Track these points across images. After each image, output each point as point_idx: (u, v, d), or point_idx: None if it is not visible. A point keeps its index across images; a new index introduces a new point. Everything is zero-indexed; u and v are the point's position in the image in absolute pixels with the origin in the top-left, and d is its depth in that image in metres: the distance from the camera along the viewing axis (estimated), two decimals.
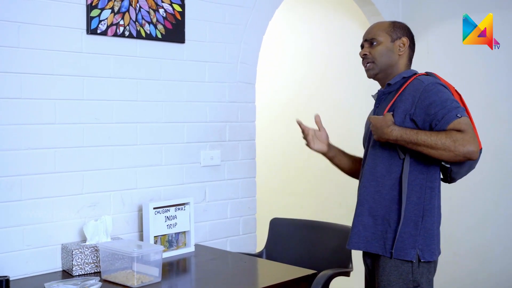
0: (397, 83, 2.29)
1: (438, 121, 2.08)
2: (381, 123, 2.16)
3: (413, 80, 2.22)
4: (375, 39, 2.32)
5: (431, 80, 2.19)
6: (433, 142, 2.03)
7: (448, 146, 2.01)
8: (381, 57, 2.31)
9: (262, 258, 3.05)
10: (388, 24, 2.36)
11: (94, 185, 2.59)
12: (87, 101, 2.56)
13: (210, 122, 3.02)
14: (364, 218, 2.25)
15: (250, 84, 3.21)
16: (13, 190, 2.34)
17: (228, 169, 3.11)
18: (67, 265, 2.41)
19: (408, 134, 2.08)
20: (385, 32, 2.32)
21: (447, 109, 2.08)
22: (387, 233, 2.20)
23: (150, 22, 2.73)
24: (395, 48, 2.31)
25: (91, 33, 2.54)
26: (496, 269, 3.73)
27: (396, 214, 2.18)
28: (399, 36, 2.32)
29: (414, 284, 2.16)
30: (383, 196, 2.21)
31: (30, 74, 2.38)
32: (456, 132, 2.03)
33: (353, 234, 2.28)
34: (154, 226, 2.66)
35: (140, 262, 2.26)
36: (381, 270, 2.20)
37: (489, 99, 3.77)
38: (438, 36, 4.01)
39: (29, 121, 2.38)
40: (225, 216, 3.10)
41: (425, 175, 2.19)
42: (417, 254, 2.15)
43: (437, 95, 2.12)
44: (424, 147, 2.06)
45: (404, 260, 2.16)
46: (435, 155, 2.05)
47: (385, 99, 2.31)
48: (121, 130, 2.67)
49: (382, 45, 2.31)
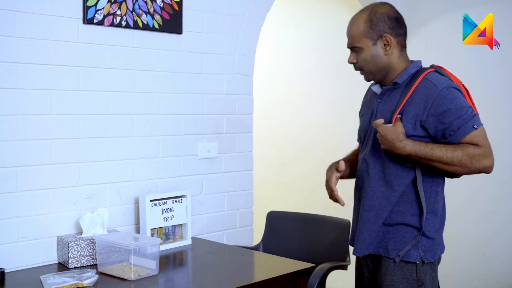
0: (405, 81, 2.15)
1: (454, 131, 2.00)
2: (392, 136, 2.02)
3: (424, 81, 2.08)
4: (356, 47, 2.17)
5: (444, 83, 2.06)
6: (449, 159, 1.97)
7: (465, 163, 1.97)
8: (368, 64, 2.16)
9: (259, 251, 3.03)
10: (364, 24, 2.15)
11: (91, 177, 2.56)
12: (83, 91, 2.53)
13: (208, 114, 2.99)
14: (371, 225, 2.15)
15: (248, 76, 3.18)
16: (8, 181, 2.31)
17: (225, 162, 3.09)
18: (63, 257, 2.39)
19: (423, 150, 2.00)
20: (362, 36, 2.14)
21: (463, 119, 2.00)
22: (390, 234, 2.14)
23: (147, 12, 2.70)
24: (380, 50, 2.14)
25: (87, 23, 2.50)
26: (494, 266, 3.72)
27: (406, 219, 2.11)
28: (380, 34, 2.13)
29: (418, 283, 2.11)
30: (391, 201, 2.11)
31: (26, 64, 2.35)
32: (472, 147, 1.98)
33: (359, 241, 2.17)
34: (151, 218, 2.64)
35: (137, 255, 2.24)
36: (383, 271, 2.15)
37: (487, 94, 3.76)
38: (436, 30, 3.99)
39: (25, 112, 2.35)
40: (222, 209, 3.08)
41: (432, 179, 2.11)
42: (419, 255, 2.10)
43: (453, 103, 2.02)
44: (439, 163, 2.00)
45: (407, 261, 2.11)
46: (449, 170, 2.01)
47: (388, 95, 2.17)
48: (117, 121, 2.65)
49: (365, 52, 2.15)
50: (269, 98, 4.91)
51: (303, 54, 4.81)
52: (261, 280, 2.27)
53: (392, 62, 2.16)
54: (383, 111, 2.16)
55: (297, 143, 4.77)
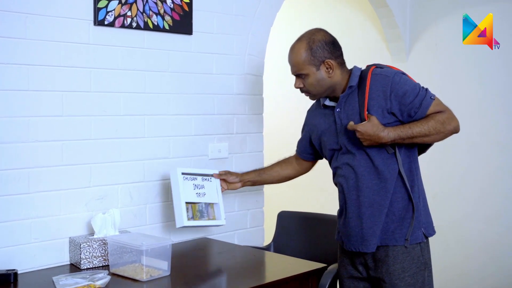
0: (356, 83, 2.32)
1: (418, 108, 2.21)
2: (373, 129, 2.19)
3: (374, 77, 2.26)
4: (301, 74, 2.35)
5: (392, 72, 2.26)
6: (427, 131, 2.18)
7: (439, 129, 2.19)
8: (315, 88, 2.35)
9: (270, 251, 3.03)
10: (305, 53, 2.32)
11: (102, 178, 2.57)
12: (95, 93, 2.53)
13: (218, 115, 2.99)
14: (376, 218, 2.26)
15: (258, 76, 3.18)
16: (20, 183, 2.32)
17: (235, 162, 3.09)
18: (75, 258, 2.40)
19: (404, 131, 2.19)
20: (306, 64, 2.32)
21: (420, 96, 2.21)
22: (394, 223, 2.25)
23: (158, 13, 2.70)
24: (323, 74, 2.32)
25: (98, 24, 2.51)
26: (506, 264, 3.70)
27: (401, 203, 2.25)
28: (322, 60, 2.31)
29: (425, 265, 2.27)
30: (388, 191, 2.25)
31: (37, 65, 2.36)
32: (439, 114, 2.20)
33: (371, 236, 2.26)
34: (184, 191, 2.56)
35: (149, 256, 2.25)
36: (391, 260, 2.24)
37: (500, 89, 3.74)
38: (446, 28, 3.97)
39: (37, 113, 2.36)
40: (233, 209, 3.08)
41: (410, 158, 2.30)
42: (423, 233, 2.26)
43: (406, 84, 2.23)
44: (420, 138, 2.20)
45: (414, 244, 2.24)
46: (429, 141, 2.24)
47: (346, 101, 2.33)
48: (128, 122, 2.65)
49: (310, 77, 2.33)
50: (279, 97, 4.90)
51: None
52: (273, 280, 2.27)
53: (337, 81, 2.36)
54: (348, 117, 2.31)
55: None
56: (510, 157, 3.70)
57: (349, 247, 2.34)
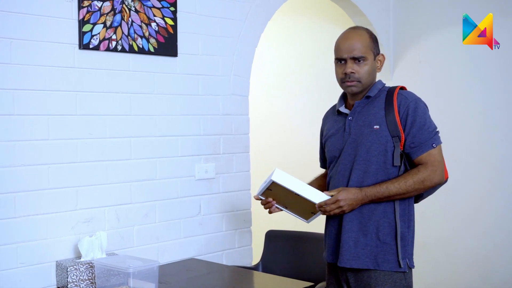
0: (376, 95, 2.25)
1: (414, 146, 2.14)
2: (352, 197, 2.13)
3: (399, 96, 2.20)
4: (362, 57, 2.20)
5: (413, 96, 2.20)
6: (405, 190, 2.12)
7: (418, 187, 2.12)
8: (368, 77, 2.23)
9: (258, 271, 3.03)
10: (370, 39, 2.24)
11: (89, 200, 2.57)
12: (80, 116, 2.55)
13: (204, 135, 3.01)
14: (354, 234, 2.19)
15: (244, 97, 3.20)
16: (6, 207, 2.32)
17: (222, 182, 3.10)
18: (62, 282, 2.39)
19: (380, 192, 2.13)
20: (369, 49, 2.22)
21: (424, 136, 2.14)
22: (378, 247, 2.18)
23: (143, 36, 2.73)
24: (376, 65, 2.26)
25: (83, 48, 2.53)
26: (495, 281, 3.71)
27: (387, 228, 2.18)
28: (378, 52, 2.27)
29: None
30: (371, 211, 2.18)
31: (23, 90, 2.37)
32: (422, 170, 2.12)
33: (344, 251, 2.20)
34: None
35: (136, 278, 2.24)
36: (373, 282, 2.17)
37: (482, 107, 3.78)
38: (429, 46, 4.03)
39: (23, 138, 2.37)
40: (221, 229, 3.09)
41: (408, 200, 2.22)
42: (407, 263, 2.18)
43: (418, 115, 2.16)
44: (398, 196, 2.14)
45: (400, 272, 2.17)
46: (408, 197, 2.16)
47: (360, 111, 2.24)
48: (114, 145, 2.66)
49: (370, 65, 2.22)
50: (265, 116, 4.93)
51: (299, 71, 4.84)
52: None
53: (374, 81, 2.28)
54: (358, 127, 2.22)
55: (295, 161, 4.78)
56: (498, 173, 3.73)
57: (327, 257, 2.33)
